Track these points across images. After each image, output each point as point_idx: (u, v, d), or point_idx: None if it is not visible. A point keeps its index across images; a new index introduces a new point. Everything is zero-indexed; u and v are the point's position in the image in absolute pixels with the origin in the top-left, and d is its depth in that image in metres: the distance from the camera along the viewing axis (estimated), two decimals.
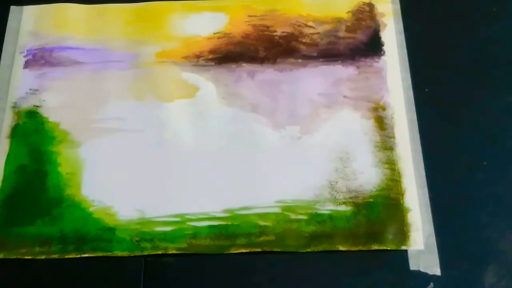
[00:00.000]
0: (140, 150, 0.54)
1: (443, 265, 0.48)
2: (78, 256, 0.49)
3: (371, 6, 0.61)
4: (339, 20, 0.60)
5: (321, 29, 0.60)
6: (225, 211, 0.51)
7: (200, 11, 0.61)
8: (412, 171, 0.52)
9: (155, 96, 0.56)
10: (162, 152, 0.53)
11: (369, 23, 0.60)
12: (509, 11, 0.60)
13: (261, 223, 0.50)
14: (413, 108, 0.55)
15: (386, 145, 0.53)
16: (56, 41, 0.60)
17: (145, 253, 0.49)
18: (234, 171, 0.52)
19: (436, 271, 0.48)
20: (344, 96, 0.56)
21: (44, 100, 0.56)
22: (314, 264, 0.49)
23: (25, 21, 0.61)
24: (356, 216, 0.50)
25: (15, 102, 0.56)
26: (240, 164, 0.53)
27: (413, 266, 0.48)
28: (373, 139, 0.54)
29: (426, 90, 0.56)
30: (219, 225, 0.50)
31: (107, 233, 0.50)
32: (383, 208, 0.51)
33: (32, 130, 0.55)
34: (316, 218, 0.50)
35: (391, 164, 0.52)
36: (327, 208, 0.51)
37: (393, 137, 0.54)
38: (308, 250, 0.49)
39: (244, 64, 0.58)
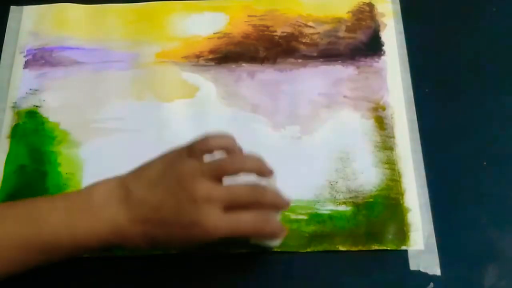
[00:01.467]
0: (140, 150, 0.53)
1: (443, 265, 0.48)
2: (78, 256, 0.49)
3: (371, 6, 0.61)
4: (339, 20, 0.60)
5: (321, 29, 0.60)
6: None
7: (200, 11, 0.61)
8: (412, 171, 0.52)
9: (155, 96, 0.56)
10: (162, 152, 0.53)
11: (369, 23, 0.60)
12: (509, 11, 0.60)
13: None
14: (413, 108, 0.55)
15: (386, 145, 0.53)
16: (56, 41, 0.60)
17: (145, 253, 0.49)
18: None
19: (436, 271, 0.48)
20: (344, 96, 0.56)
21: (44, 100, 0.56)
22: (314, 264, 0.49)
23: (25, 21, 0.61)
24: (356, 216, 0.50)
25: (15, 102, 0.56)
26: None
27: (413, 266, 0.48)
28: (373, 139, 0.54)
29: (426, 90, 0.56)
30: None
31: None
32: (383, 208, 0.50)
33: (32, 130, 0.55)
34: (316, 218, 0.50)
35: (391, 164, 0.52)
36: (327, 208, 0.51)
37: (393, 137, 0.54)
38: (308, 250, 0.49)
39: (244, 64, 0.58)
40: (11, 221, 0.41)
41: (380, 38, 0.59)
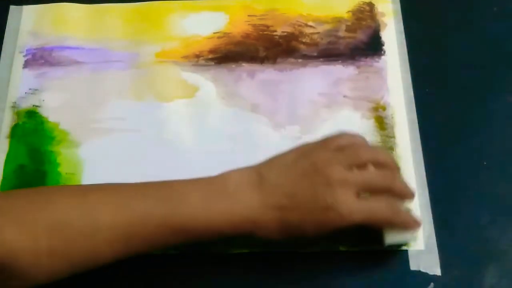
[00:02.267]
0: (140, 150, 0.54)
1: (443, 265, 0.48)
2: None
3: (371, 5, 0.60)
4: (339, 20, 0.60)
5: (321, 28, 0.60)
6: None
7: (200, 10, 0.61)
8: (412, 171, 0.52)
9: (155, 96, 0.56)
10: (162, 152, 0.53)
11: (369, 23, 0.60)
12: (509, 11, 0.60)
13: None
14: (414, 108, 0.55)
15: (386, 145, 0.53)
16: (55, 40, 0.59)
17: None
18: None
19: (436, 271, 0.48)
20: (344, 96, 0.56)
21: (43, 100, 0.56)
22: (314, 264, 0.48)
23: (25, 21, 0.61)
24: None
25: (15, 102, 0.56)
26: (240, 164, 0.52)
27: (413, 266, 0.48)
28: (373, 139, 0.53)
29: (426, 90, 0.56)
30: None
31: None
32: None
33: (31, 130, 0.55)
34: None
35: None
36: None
37: (393, 137, 0.54)
38: (308, 250, 0.49)
39: (244, 64, 0.58)
40: (151, 200, 0.41)
41: (380, 37, 0.59)
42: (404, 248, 0.48)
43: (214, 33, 0.60)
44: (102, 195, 0.42)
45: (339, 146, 0.45)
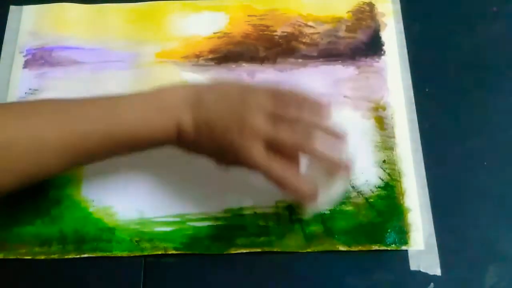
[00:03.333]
0: None
1: (443, 265, 0.48)
2: (78, 256, 0.49)
3: (371, 6, 0.60)
4: (339, 20, 0.60)
5: (321, 29, 0.60)
6: (225, 211, 0.51)
7: (200, 10, 0.61)
8: (412, 171, 0.52)
9: None
10: (162, 152, 0.53)
11: (369, 23, 0.60)
12: (509, 11, 0.60)
13: (261, 223, 0.50)
14: (414, 108, 0.55)
15: (386, 145, 0.53)
16: (55, 41, 0.59)
17: (145, 253, 0.49)
18: (234, 170, 0.52)
19: (437, 271, 0.48)
20: (344, 96, 0.56)
21: None
22: (314, 264, 0.48)
23: (25, 21, 0.61)
24: (356, 216, 0.50)
25: None
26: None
27: (413, 266, 0.48)
28: (373, 139, 0.54)
29: (426, 90, 0.56)
30: (219, 225, 0.50)
31: (106, 233, 0.50)
32: (383, 208, 0.50)
33: None
34: (316, 218, 0.50)
35: (391, 164, 0.52)
36: (327, 208, 0.50)
37: (393, 137, 0.54)
38: (308, 250, 0.49)
39: (244, 64, 0.58)
40: (94, 116, 0.45)
41: (380, 38, 0.59)
42: (403, 248, 0.49)
43: (214, 33, 0.60)
44: (47, 114, 0.44)
45: (281, 97, 0.45)
